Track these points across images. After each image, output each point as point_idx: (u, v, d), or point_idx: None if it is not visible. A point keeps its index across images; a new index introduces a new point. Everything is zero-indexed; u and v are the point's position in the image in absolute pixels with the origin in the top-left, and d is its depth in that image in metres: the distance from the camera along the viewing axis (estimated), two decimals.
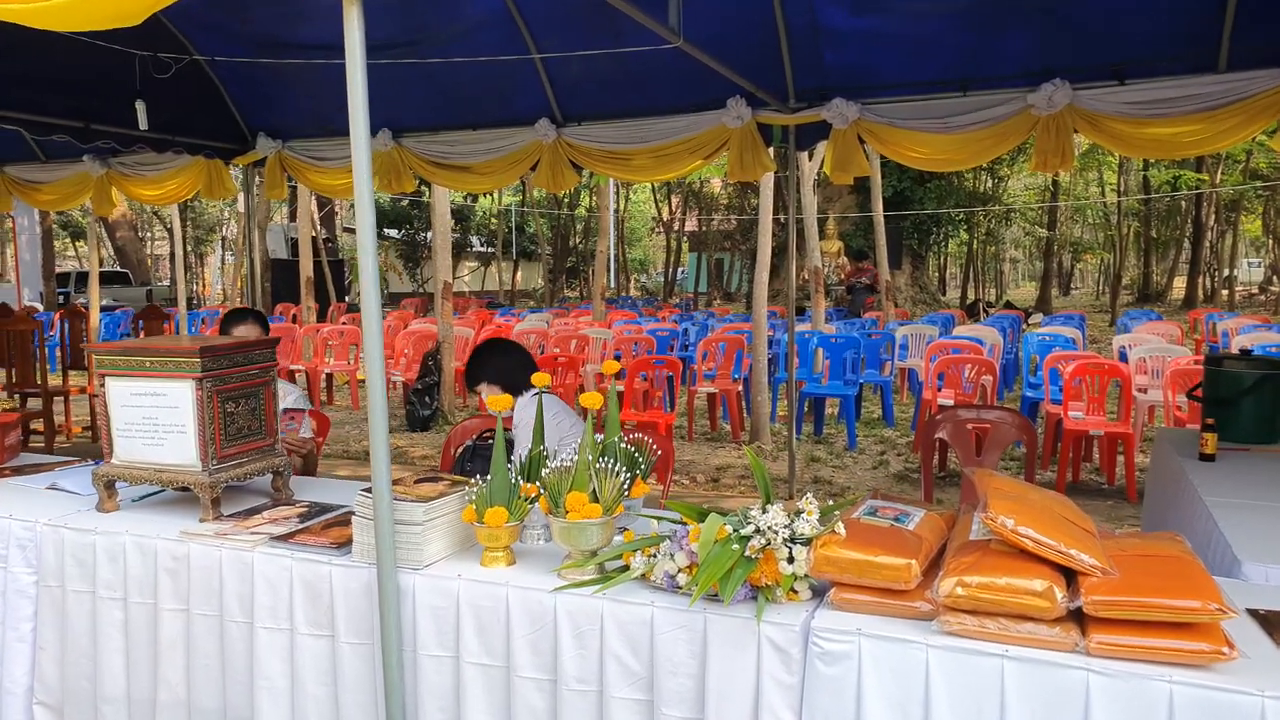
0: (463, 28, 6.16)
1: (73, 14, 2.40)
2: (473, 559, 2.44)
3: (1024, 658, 1.83)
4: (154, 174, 7.90)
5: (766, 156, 6.15)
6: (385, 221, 30.75)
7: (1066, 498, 2.24)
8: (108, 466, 2.97)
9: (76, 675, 2.85)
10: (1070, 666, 1.80)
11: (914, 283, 20.06)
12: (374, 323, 2.35)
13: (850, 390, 8.46)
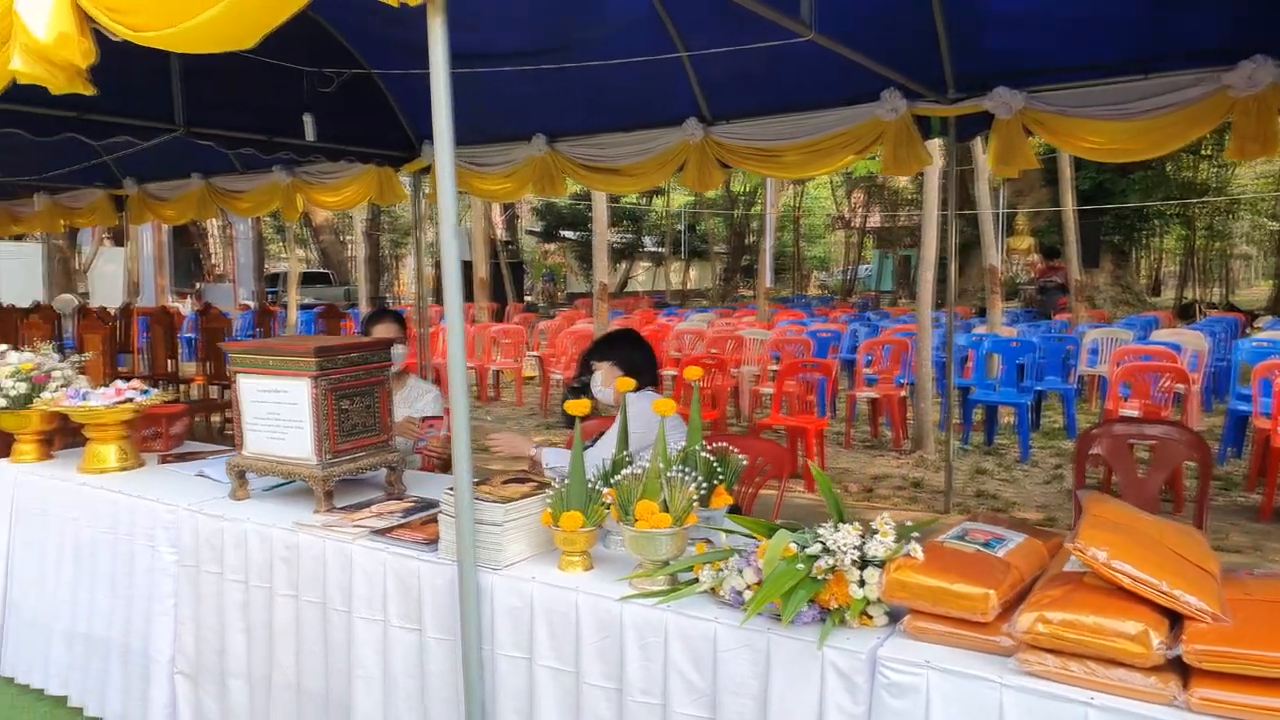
0: (611, 30, 6.19)
1: (193, 40, 2.56)
2: (552, 562, 2.43)
3: (1112, 708, 1.63)
4: (333, 182, 8.38)
5: (924, 150, 5.86)
6: (562, 223, 31.56)
7: (1196, 531, 2.00)
8: (239, 458, 3.14)
9: (208, 650, 3.04)
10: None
11: (1116, 282, 18.72)
12: (456, 320, 2.38)
13: (1024, 398, 7.96)
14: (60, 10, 2.84)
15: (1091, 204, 17.31)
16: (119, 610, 3.30)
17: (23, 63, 2.94)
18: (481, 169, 7.56)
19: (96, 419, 3.60)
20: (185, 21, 2.50)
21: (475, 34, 6.01)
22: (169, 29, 2.56)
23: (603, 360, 3.67)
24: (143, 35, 2.66)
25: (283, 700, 2.86)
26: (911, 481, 7.18)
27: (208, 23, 2.47)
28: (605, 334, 4.04)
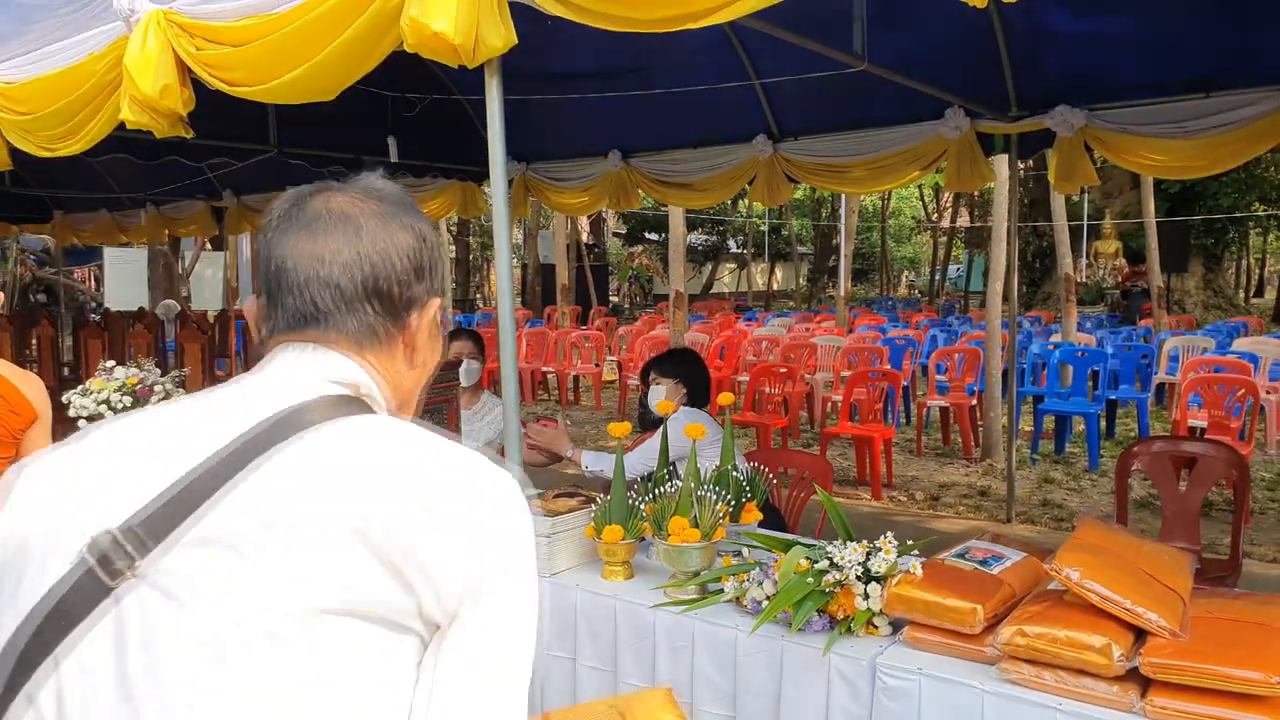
0: (684, 53, 6.41)
1: (282, 94, 2.87)
2: (596, 570, 2.66)
3: (1077, 713, 1.80)
4: (419, 195, 8.74)
5: (986, 167, 5.95)
6: (646, 226, 31.85)
7: (1182, 555, 2.14)
8: None
9: None
10: None
11: (1206, 286, 18.21)
12: (508, 333, 2.62)
13: (1094, 407, 7.92)
14: (164, 65, 3.20)
15: (1182, 207, 16.88)
16: None
17: (130, 111, 3.31)
18: (559, 184, 7.85)
19: None
20: (276, 79, 2.81)
21: (553, 56, 6.29)
22: (261, 85, 2.89)
23: (667, 377, 3.83)
24: (238, 89, 2.99)
25: None
26: (978, 490, 7.23)
27: (294, 80, 2.79)
28: (668, 351, 4.22)
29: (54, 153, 3.86)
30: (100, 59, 3.44)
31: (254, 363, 1.00)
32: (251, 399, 0.92)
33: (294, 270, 0.96)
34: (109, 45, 3.42)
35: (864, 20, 4.37)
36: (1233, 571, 3.60)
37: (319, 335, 0.97)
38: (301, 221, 0.98)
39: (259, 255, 1.01)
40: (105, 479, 0.87)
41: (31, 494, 0.89)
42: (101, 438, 0.93)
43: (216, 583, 0.81)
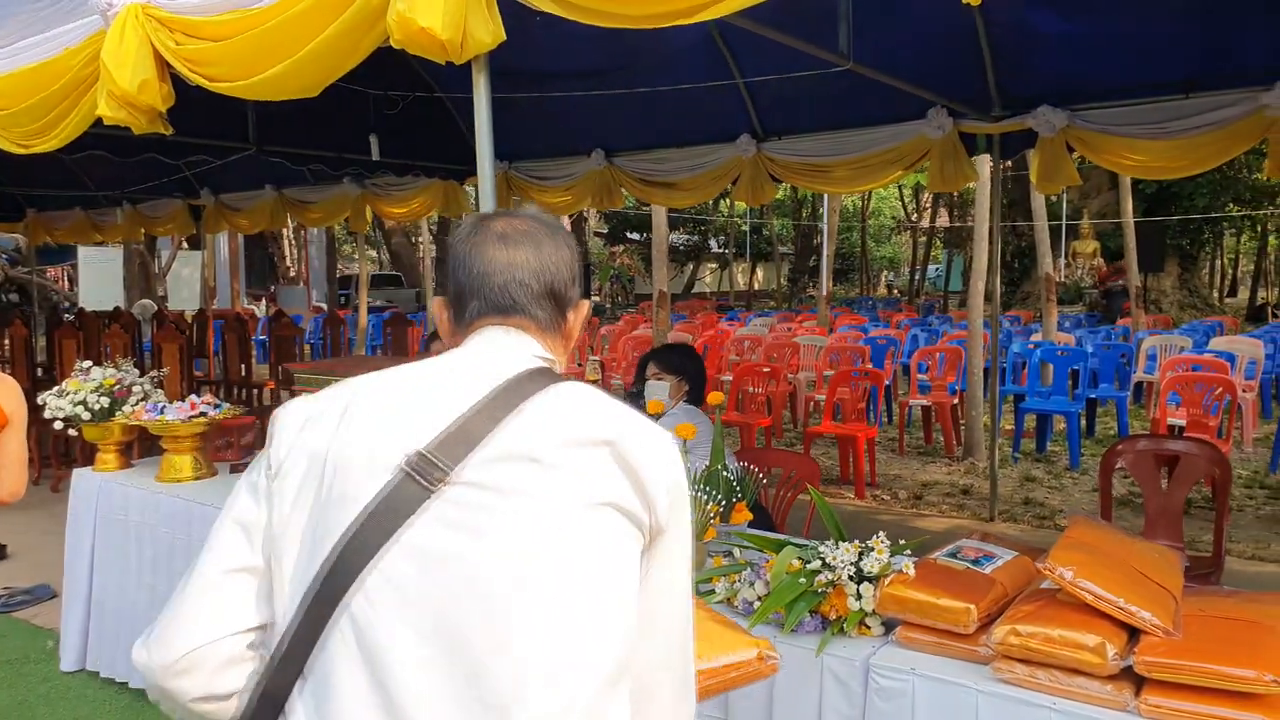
0: (669, 52, 6.39)
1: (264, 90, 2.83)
2: None
3: (1072, 712, 1.79)
4: (400, 194, 8.70)
5: (969, 166, 5.97)
6: (629, 226, 31.83)
7: (1172, 553, 2.14)
8: None
9: None
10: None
11: (1182, 286, 18.38)
12: None
13: (1075, 406, 7.97)
14: (142, 60, 3.15)
15: (1159, 207, 17.01)
16: None
17: (108, 107, 3.26)
18: (542, 182, 7.81)
19: (172, 432, 3.90)
20: (258, 75, 2.77)
21: (538, 54, 6.26)
22: (242, 81, 2.84)
23: (670, 373, 3.78)
24: (219, 85, 2.95)
25: None
26: (960, 489, 7.26)
27: (277, 76, 2.75)
28: (666, 345, 4.12)
29: (29, 149, 3.80)
30: (77, 54, 3.39)
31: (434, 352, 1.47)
32: (488, 360, 1.23)
33: (495, 273, 1.27)
34: (85, 40, 3.36)
35: (849, 19, 4.37)
36: (1216, 569, 3.61)
37: (518, 321, 1.28)
38: (495, 236, 1.29)
39: (456, 261, 1.31)
40: (394, 418, 1.16)
41: (341, 425, 1.16)
42: (373, 388, 1.21)
43: (523, 484, 1.12)
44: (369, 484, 1.11)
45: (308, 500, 1.14)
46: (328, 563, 1.09)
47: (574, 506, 1.12)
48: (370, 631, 1.08)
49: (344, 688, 1.08)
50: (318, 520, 1.12)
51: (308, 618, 1.10)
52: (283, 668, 1.11)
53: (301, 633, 1.10)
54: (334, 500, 1.12)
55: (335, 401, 1.19)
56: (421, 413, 1.16)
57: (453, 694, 1.07)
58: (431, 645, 1.07)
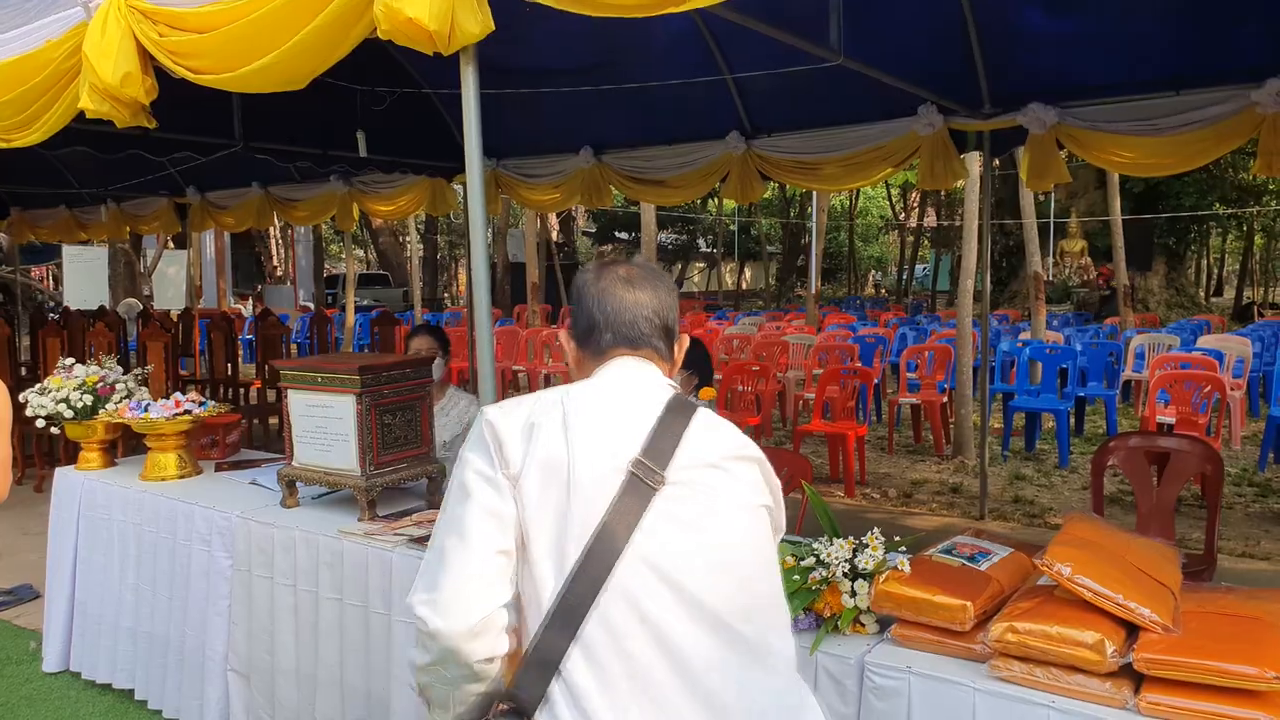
0: (657, 48, 6.35)
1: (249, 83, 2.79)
2: None
3: (1071, 710, 1.76)
4: (387, 191, 8.65)
5: (959, 164, 5.95)
6: (616, 225, 31.78)
7: (1170, 549, 2.12)
8: (289, 468, 3.37)
9: (259, 649, 3.27)
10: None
11: (1169, 285, 18.44)
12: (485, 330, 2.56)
13: (1064, 404, 7.97)
14: (125, 52, 3.10)
15: (1146, 206, 17.07)
16: (177, 611, 3.55)
17: (90, 100, 3.21)
18: (530, 180, 7.77)
19: (156, 430, 3.84)
20: (243, 67, 2.73)
21: (526, 51, 6.21)
22: (228, 73, 2.80)
23: (683, 366, 3.73)
24: (203, 77, 2.90)
25: (327, 697, 3.08)
26: (950, 487, 7.25)
27: (263, 68, 2.70)
28: None
29: (9, 144, 3.74)
30: (58, 46, 3.33)
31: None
32: (639, 385, 1.54)
33: (624, 310, 1.56)
34: (67, 32, 3.31)
35: (840, 13, 4.35)
36: (1208, 566, 3.60)
37: (645, 352, 1.58)
38: (620, 279, 1.59)
39: (589, 300, 1.58)
40: (604, 431, 1.45)
41: (569, 436, 1.43)
42: (576, 406, 1.47)
43: (717, 485, 1.46)
44: (606, 484, 1.40)
45: (552, 497, 1.40)
46: (587, 547, 1.37)
47: (752, 505, 1.50)
48: (643, 601, 1.36)
49: (629, 645, 1.36)
50: (565, 512, 1.40)
51: (574, 592, 1.35)
52: (552, 633, 1.36)
53: (569, 603, 1.36)
54: (580, 497, 1.39)
55: (548, 414, 1.45)
56: (620, 427, 1.46)
57: (718, 642, 1.39)
58: (692, 607, 1.38)
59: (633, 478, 1.40)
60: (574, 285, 1.66)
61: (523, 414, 1.46)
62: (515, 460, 1.42)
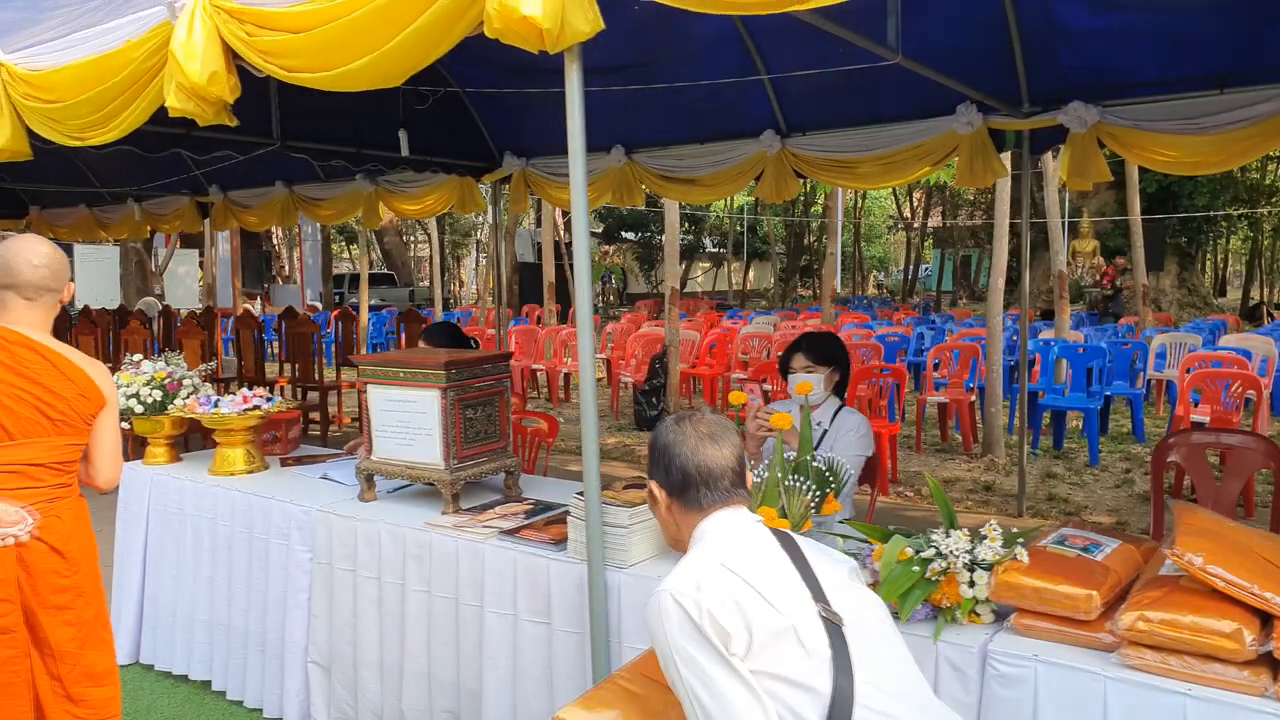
0: (693, 47, 6.38)
1: (347, 82, 2.82)
2: (671, 562, 2.63)
3: (1209, 698, 1.80)
4: (414, 190, 8.67)
5: (998, 162, 5.97)
6: (623, 225, 31.81)
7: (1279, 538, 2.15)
8: (368, 462, 3.40)
9: (341, 641, 3.30)
10: (1259, 711, 1.76)
11: (1181, 285, 18.48)
12: (586, 328, 2.57)
13: (1094, 403, 8.01)
14: (212, 51, 3.14)
15: (1157, 206, 17.11)
16: (255, 603, 3.58)
17: (176, 99, 3.24)
18: (560, 179, 7.78)
19: (226, 425, 3.88)
20: (341, 67, 2.76)
21: None
22: (324, 72, 2.83)
23: (821, 364, 3.52)
24: (297, 76, 2.93)
25: (414, 688, 3.11)
26: (983, 485, 7.29)
27: (361, 68, 2.74)
28: (814, 334, 3.74)
29: (84, 142, 3.77)
30: (139, 45, 3.36)
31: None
32: (753, 534, 1.82)
33: (715, 468, 1.82)
34: (149, 31, 3.34)
35: (898, 13, 4.38)
36: None
37: (737, 500, 1.85)
38: (705, 437, 1.84)
39: (681, 457, 1.84)
40: (782, 588, 1.69)
41: (772, 604, 1.65)
42: (749, 573, 1.69)
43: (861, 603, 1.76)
44: (819, 635, 1.64)
45: (789, 659, 1.61)
46: (834, 689, 1.60)
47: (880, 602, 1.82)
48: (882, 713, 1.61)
49: None
50: (801, 669, 1.61)
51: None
52: None
53: None
54: (808, 652, 1.62)
55: (736, 588, 1.64)
56: (785, 579, 1.71)
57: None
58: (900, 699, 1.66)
59: (826, 622, 1.66)
60: (657, 439, 1.86)
61: (716, 595, 1.62)
62: (741, 642, 1.59)
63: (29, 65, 3.82)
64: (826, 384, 3.48)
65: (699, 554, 1.74)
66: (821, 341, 3.61)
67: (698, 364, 11.04)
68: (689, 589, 1.63)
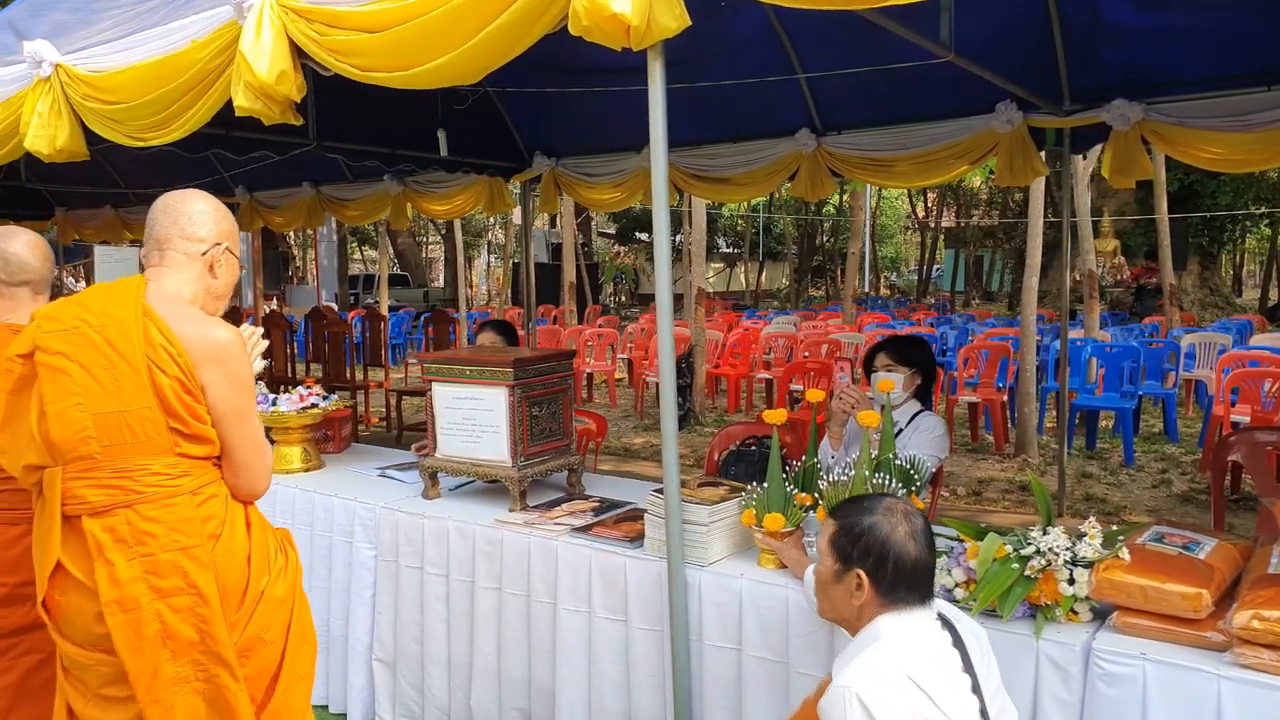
0: (727, 45, 6.36)
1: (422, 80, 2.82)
2: (751, 559, 2.63)
3: None
4: (443, 191, 8.67)
5: (1039, 161, 5.95)
6: (637, 226, 31.82)
7: None
8: (433, 459, 3.40)
9: (407, 638, 3.30)
10: None
11: (1203, 284, 18.38)
12: (666, 327, 2.57)
13: (1129, 403, 7.97)
14: (280, 50, 3.14)
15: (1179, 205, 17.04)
16: (318, 601, 3.56)
17: (245, 98, 3.24)
18: (590, 179, 7.78)
19: (284, 423, 3.90)
20: (419, 66, 2.76)
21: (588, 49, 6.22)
22: (399, 71, 2.84)
23: (905, 365, 3.51)
24: (371, 75, 2.93)
25: (483, 684, 3.11)
26: (1018, 485, 7.26)
27: (439, 67, 2.74)
28: (899, 336, 3.81)
29: (144, 142, 3.78)
30: (205, 45, 3.37)
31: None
32: (932, 642, 1.83)
33: (922, 571, 1.86)
34: (214, 31, 3.34)
35: (951, 10, 4.36)
36: None
37: (928, 606, 1.88)
38: (914, 538, 1.84)
39: (894, 553, 1.83)
40: (952, 692, 1.75)
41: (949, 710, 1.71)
42: (922, 676, 1.73)
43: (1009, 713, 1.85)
44: None
45: None
46: None
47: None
48: None
49: None
50: None
51: None
52: None
53: None
54: None
55: (926, 705, 1.70)
56: (959, 690, 1.75)
57: None
58: None
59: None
60: (873, 530, 1.83)
61: (899, 708, 1.67)
62: None
63: (88, 66, 3.84)
64: (907, 385, 3.49)
65: (883, 657, 1.76)
66: (905, 343, 3.65)
67: (721, 364, 11.03)
68: (875, 695, 1.67)
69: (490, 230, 36.38)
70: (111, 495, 1.97)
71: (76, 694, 2.06)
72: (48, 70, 3.87)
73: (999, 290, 31.32)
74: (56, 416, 1.97)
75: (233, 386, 2.06)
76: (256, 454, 2.13)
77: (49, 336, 2.01)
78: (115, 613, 1.95)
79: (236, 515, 2.11)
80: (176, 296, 2.11)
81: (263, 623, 2.08)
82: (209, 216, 2.24)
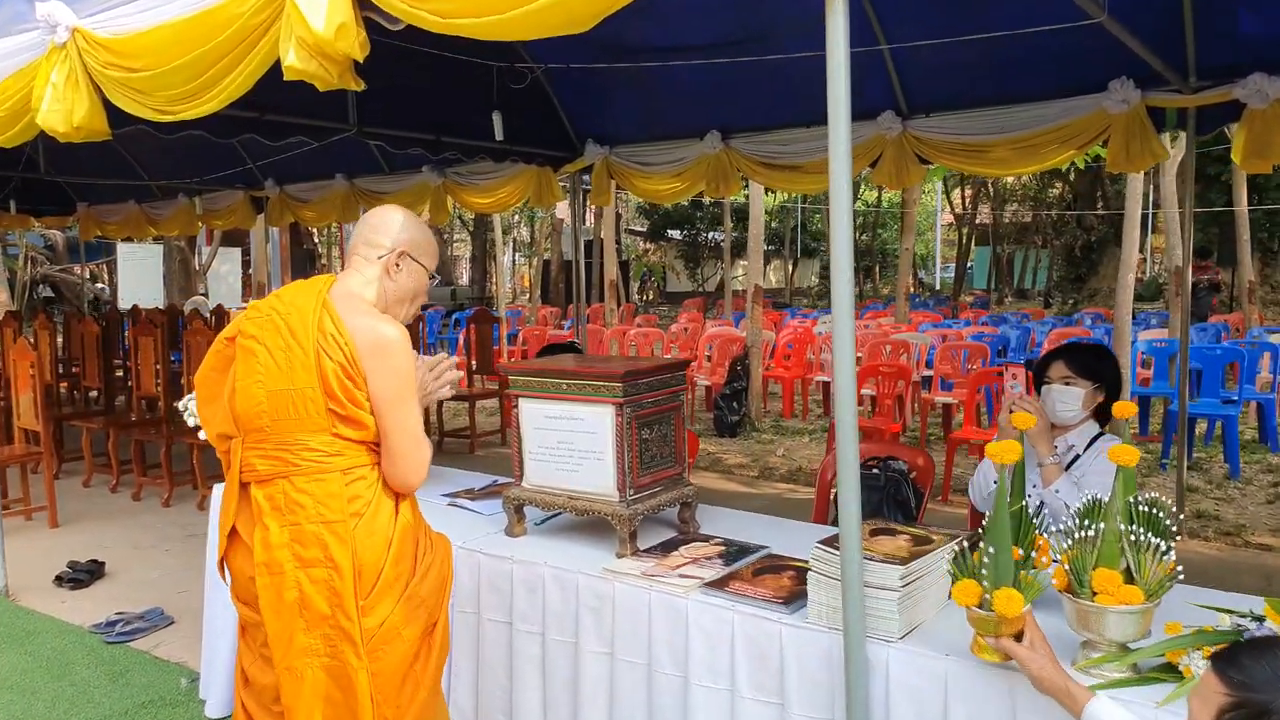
0: (802, 17, 5.78)
1: (519, 28, 2.27)
2: (950, 631, 2.06)
3: None
4: (486, 183, 8.16)
5: (1158, 144, 5.36)
6: (668, 223, 31.28)
7: None
8: (519, 490, 2.85)
9: (491, 708, 2.76)
10: None
11: (1264, 281, 17.61)
12: (846, 338, 2.01)
13: (1233, 409, 7.33)
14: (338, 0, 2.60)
15: None
16: None
17: (297, 58, 2.69)
18: (647, 168, 7.24)
19: None
20: (518, 8, 2.20)
21: (647, 25, 5.66)
22: (495, 15, 2.28)
23: (1086, 378, 2.93)
24: (455, 24, 2.38)
25: None
26: None
27: (542, 9, 2.18)
28: (1077, 344, 3.18)
29: (174, 116, 3.24)
30: None
31: None
32: None
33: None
34: None
35: None
36: None
37: None
38: None
39: None
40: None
41: None
42: None
43: None
44: None
45: None
46: None
47: None
48: None
49: None
50: None
51: None
52: None
53: None
54: None
55: None
56: None
57: None
58: None
59: None
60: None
61: None
62: None
63: (109, 29, 3.30)
64: (1087, 402, 2.88)
65: None
66: (1087, 352, 3.00)
67: (774, 366, 10.44)
68: None
69: (515, 228, 35.88)
70: (274, 466, 2.14)
71: (247, 650, 2.26)
72: (64, 35, 3.33)
73: (1031, 288, 30.50)
74: (242, 392, 2.16)
75: (393, 377, 2.16)
76: (413, 444, 2.19)
77: (249, 323, 2.23)
78: (264, 574, 2.11)
79: (384, 501, 2.20)
80: (357, 294, 2.26)
81: (399, 615, 2.15)
82: (394, 225, 2.40)
